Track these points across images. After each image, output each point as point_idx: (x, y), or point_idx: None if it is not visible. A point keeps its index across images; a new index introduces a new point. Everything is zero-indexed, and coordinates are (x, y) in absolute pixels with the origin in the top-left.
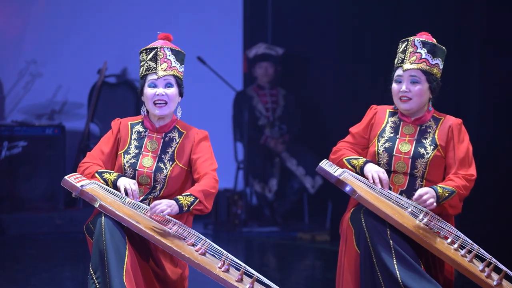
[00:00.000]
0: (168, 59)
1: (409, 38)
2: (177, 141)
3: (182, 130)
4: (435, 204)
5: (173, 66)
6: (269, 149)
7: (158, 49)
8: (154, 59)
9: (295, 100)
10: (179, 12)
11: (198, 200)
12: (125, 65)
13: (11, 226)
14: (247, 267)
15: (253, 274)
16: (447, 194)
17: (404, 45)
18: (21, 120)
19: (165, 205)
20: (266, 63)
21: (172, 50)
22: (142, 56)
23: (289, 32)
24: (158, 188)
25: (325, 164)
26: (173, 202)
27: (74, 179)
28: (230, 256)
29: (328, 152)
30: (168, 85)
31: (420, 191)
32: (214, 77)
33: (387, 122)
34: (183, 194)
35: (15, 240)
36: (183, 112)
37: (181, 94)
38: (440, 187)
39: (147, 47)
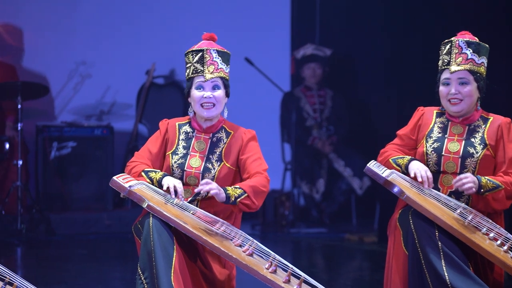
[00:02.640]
0: (215, 61)
1: (452, 39)
2: (225, 141)
3: (229, 130)
4: (474, 189)
5: (220, 68)
6: (316, 150)
7: (205, 51)
8: (201, 61)
9: (343, 101)
10: (227, 13)
11: (246, 194)
12: (173, 66)
13: (61, 226)
14: (294, 268)
15: (301, 275)
16: (491, 187)
17: (447, 46)
18: (71, 120)
19: (215, 186)
20: (314, 64)
21: (218, 51)
22: (188, 58)
23: (337, 32)
24: None
25: (373, 165)
26: (222, 189)
27: (122, 180)
28: (277, 257)
29: (376, 153)
30: (215, 87)
31: (461, 175)
32: (261, 78)
33: (434, 123)
34: (232, 186)
35: (65, 240)
36: (231, 113)
37: (227, 94)
38: (485, 178)
39: (193, 49)
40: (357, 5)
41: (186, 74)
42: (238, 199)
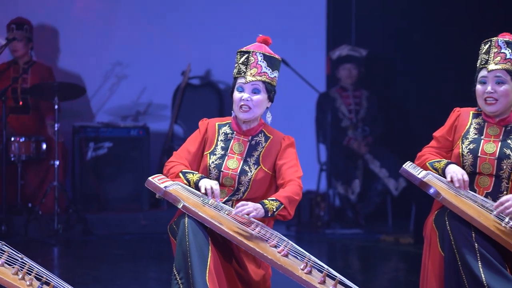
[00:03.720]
0: (259, 64)
1: (492, 39)
2: (263, 145)
3: (268, 135)
4: None
5: (263, 72)
6: (352, 150)
7: (251, 54)
8: (245, 63)
9: (379, 101)
10: (262, 14)
11: (283, 205)
12: (208, 67)
13: (97, 226)
14: (329, 269)
15: (336, 276)
16: None
17: (487, 46)
18: (107, 121)
19: (252, 207)
20: (349, 65)
21: (264, 55)
22: (237, 57)
23: (373, 33)
24: (241, 191)
25: (408, 166)
26: (259, 205)
27: (158, 180)
28: (312, 257)
29: (412, 154)
30: (255, 90)
31: (501, 199)
32: (297, 78)
33: (470, 124)
34: (268, 198)
35: (101, 240)
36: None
37: (270, 99)
38: None
39: (242, 49)
40: (393, 5)
41: (233, 73)
42: (276, 212)
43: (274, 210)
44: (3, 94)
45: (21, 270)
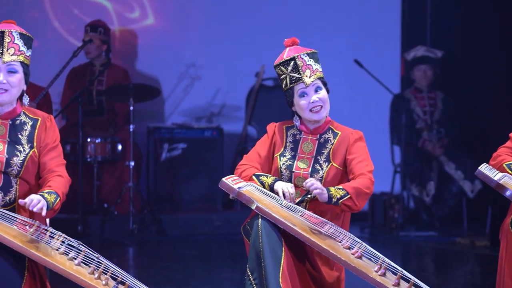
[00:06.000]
0: (308, 64)
1: None
2: (332, 142)
3: (336, 131)
4: None
5: (315, 69)
6: (427, 152)
7: (296, 59)
8: (296, 69)
9: (454, 103)
10: (336, 15)
11: (349, 195)
12: None
13: (172, 226)
14: (404, 271)
15: (410, 279)
16: None
17: None
18: (181, 122)
19: (319, 186)
20: (425, 66)
21: (308, 54)
22: (281, 69)
23: (449, 34)
24: None
25: (484, 168)
26: (325, 189)
27: (231, 181)
28: (386, 260)
29: (488, 156)
30: (318, 89)
31: None
32: (371, 79)
33: None
34: (335, 186)
35: (175, 240)
36: (339, 114)
37: (328, 91)
38: None
39: (281, 60)
40: (469, 5)
41: (284, 85)
42: (341, 200)
43: (338, 197)
44: (79, 96)
45: (97, 269)
